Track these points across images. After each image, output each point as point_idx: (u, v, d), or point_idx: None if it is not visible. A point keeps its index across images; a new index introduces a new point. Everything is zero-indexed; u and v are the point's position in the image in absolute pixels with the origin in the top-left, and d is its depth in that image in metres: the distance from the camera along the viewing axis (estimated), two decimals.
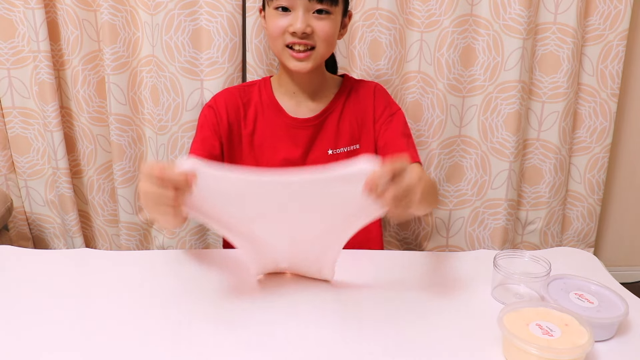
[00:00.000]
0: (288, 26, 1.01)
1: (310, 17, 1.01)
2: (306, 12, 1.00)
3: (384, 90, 1.19)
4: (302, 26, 0.99)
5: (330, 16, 1.02)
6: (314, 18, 1.01)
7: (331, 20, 1.02)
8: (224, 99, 1.15)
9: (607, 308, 0.78)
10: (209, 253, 1.06)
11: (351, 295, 0.88)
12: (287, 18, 1.01)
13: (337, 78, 1.20)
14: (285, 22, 1.01)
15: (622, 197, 1.87)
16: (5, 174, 1.61)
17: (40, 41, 1.42)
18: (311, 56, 1.03)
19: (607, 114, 1.65)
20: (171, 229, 0.94)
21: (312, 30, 1.01)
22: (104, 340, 0.74)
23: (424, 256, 1.05)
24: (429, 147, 1.62)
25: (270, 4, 1.02)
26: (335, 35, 1.05)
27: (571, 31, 1.53)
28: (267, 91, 1.15)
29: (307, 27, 1.00)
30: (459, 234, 1.74)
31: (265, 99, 1.14)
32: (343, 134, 1.13)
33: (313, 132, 1.12)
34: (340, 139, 1.13)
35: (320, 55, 1.05)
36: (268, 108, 1.13)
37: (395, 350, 0.73)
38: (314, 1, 0.99)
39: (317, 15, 1.01)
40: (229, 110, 1.13)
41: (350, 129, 1.13)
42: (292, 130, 1.12)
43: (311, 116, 1.12)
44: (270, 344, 0.74)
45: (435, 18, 1.51)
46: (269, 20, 1.04)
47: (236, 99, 1.14)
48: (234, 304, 0.85)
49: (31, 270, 0.94)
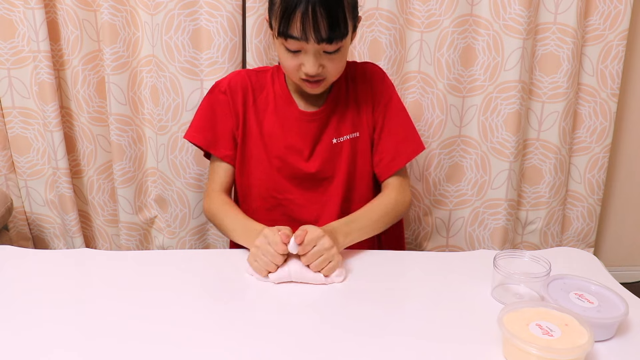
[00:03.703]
0: (300, 65, 1.00)
1: (321, 57, 0.99)
2: (317, 54, 0.98)
3: (380, 74, 1.17)
4: (314, 69, 0.99)
5: (341, 49, 1.00)
6: (326, 58, 1.00)
7: (342, 52, 1.01)
8: (239, 84, 1.14)
9: (607, 308, 0.78)
10: (209, 253, 1.06)
11: (351, 295, 0.88)
12: (299, 58, 0.99)
13: None
14: (297, 62, 1.00)
15: (622, 197, 1.87)
16: (5, 174, 1.61)
17: (40, 41, 1.42)
18: (324, 83, 1.04)
19: (607, 114, 1.65)
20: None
21: (324, 67, 1.01)
22: (103, 340, 0.74)
23: (424, 256, 1.05)
24: (429, 147, 1.62)
25: (279, 40, 0.99)
26: (345, 60, 1.05)
27: (571, 31, 1.53)
28: (281, 82, 1.14)
29: (319, 68, 1.00)
30: (459, 234, 1.74)
31: (278, 89, 1.14)
32: (345, 122, 1.13)
33: (320, 125, 1.12)
34: (343, 128, 1.13)
35: (332, 81, 1.07)
36: (280, 98, 1.13)
37: (396, 349, 0.73)
38: (324, 43, 0.96)
39: (328, 55, 1.00)
40: (242, 94, 1.13)
41: (352, 117, 1.14)
42: (301, 124, 1.12)
43: (317, 109, 1.12)
44: (270, 343, 0.74)
45: (435, 18, 1.51)
46: (281, 54, 1.02)
47: (247, 84, 1.14)
48: (234, 304, 0.85)
49: (31, 270, 0.94)
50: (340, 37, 0.97)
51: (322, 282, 0.90)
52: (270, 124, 1.13)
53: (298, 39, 0.95)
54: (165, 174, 1.59)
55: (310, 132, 1.12)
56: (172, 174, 1.58)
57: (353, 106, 1.14)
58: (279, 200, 1.15)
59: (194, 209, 1.63)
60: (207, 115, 1.15)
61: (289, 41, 0.97)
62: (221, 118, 1.14)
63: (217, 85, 1.16)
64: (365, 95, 1.14)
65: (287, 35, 0.96)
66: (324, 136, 1.13)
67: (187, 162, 1.57)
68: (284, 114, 1.13)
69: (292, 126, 1.12)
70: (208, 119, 1.15)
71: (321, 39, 0.95)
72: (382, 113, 1.15)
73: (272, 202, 1.15)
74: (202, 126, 1.15)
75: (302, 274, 0.90)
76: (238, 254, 0.99)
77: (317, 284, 0.90)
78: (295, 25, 0.94)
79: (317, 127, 1.12)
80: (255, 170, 1.15)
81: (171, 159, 1.57)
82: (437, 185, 1.68)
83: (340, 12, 0.95)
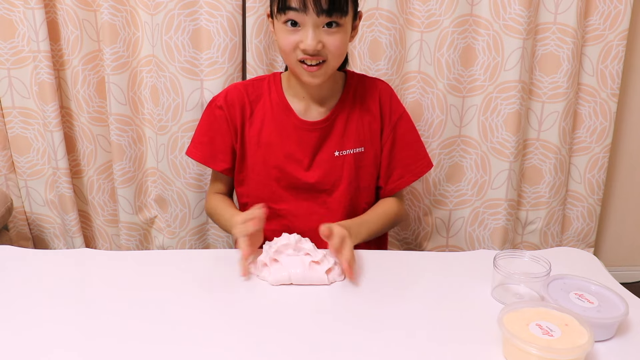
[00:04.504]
0: (299, 42, 1.00)
1: (320, 32, 0.99)
2: (316, 28, 0.98)
3: (389, 91, 1.18)
4: (313, 43, 0.98)
5: (341, 28, 1.00)
6: (324, 33, 0.99)
7: (341, 32, 1.01)
8: (235, 97, 1.14)
9: (607, 308, 0.78)
10: (209, 253, 1.06)
11: (351, 294, 0.88)
12: (298, 34, 0.99)
13: (341, 74, 1.18)
14: (295, 38, 1.00)
15: (622, 197, 1.87)
16: (5, 174, 1.61)
17: (40, 41, 1.42)
18: (323, 68, 1.03)
19: (607, 114, 1.65)
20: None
21: (323, 45, 1.00)
22: (103, 340, 0.74)
23: (424, 256, 1.05)
24: (429, 147, 1.62)
25: (279, 17, 1.00)
26: (346, 45, 1.04)
27: (571, 31, 1.53)
28: (278, 90, 1.14)
29: (318, 44, 0.99)
30: (459, 234, 1.74)
31: (275, 97, 1.13)
32: (350, 135, 1.13)
33: (321, 135, 1.12)
34: (347, 141, 1.13)
35: (331, 67, 1.05)
36: (278, 107, 1.13)
37: (395, 349, 0.73)
38: (323, 16, 0.97)
39: (328, 30, 0.99)
40: (239, 108, 1.13)
41: (357, 131, 1.13)
42: (300, 132, 1.12)
43: (319, 119, 1.12)
44: (270, 343, 0.74)
45: (435, 18, 1.51)
46: (279, 35, 1.03)
47: (244, 97, 1.14)
48: (234, 303, 0.85)
49: (31, 270, 0.94)
50: (339, 10, 0.97)
51: (325, 282, 0.90)
52: (268, 132, 1.13)
53: (297, 9, 0.96)
54: (165, 174, 1.59)
55: (311, 141, 1.12)
56: (172, 174, 1.58)
57: (359, 120, 1.14)
58: (276, 210, 1.15)
59: (194, 209, 1.63)
60: (204, 131, 1.17)
61: (289, 13, 0.97)
62: (219, 133, 1.15)
63: (213, 100, 1.17)
64: (374, 110, 1.14)
65: (286, 6, 0.96)
66: (325, 147, 1.13)
67: (187, 162, 1.57)
68: (281, 122, 1.12)
69: (290, 134, 1.12)
70: (205, 134, 1.16)
71: (321, 9, 0.95)
72: (392, 132, 1.15)
73: (270, 213, 1.15)
74: (200, 142, 1.17)
75: (303, 276, 0.90)
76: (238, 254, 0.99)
77: (319, 285, 0.90)
78: None
79: (317, 137, 1.12)
80: (253, 181, 1.15)
81: (171, 159, 1.57)
82: (437, 185, 1.68)
83: None
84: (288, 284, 0.90)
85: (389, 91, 1.18)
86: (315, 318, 0.81)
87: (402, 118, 1.17)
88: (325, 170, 1.13)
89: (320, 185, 1.13)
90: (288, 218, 1.15)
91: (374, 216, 1.14)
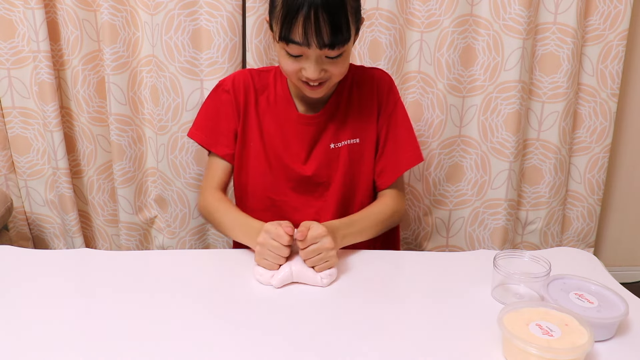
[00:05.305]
0: (301, 69, 0.98)
1: (323, 61, 0.98)
2: (319, 58, 0.97)
3: (387, 80, 1.16)
4: (315, 75, 0.97)
5: (344, 53, 0.98)
6: (328, 62, 0.98)
7: (345, 56, 0.99)
8: (241, 83, 1.13)
9: (607, 308, 0.78)
10: (209, 253, 1.06)
11: (351, 294, 0.88)
12: (299, 62, 0.98)
13: None
14: (297, 66, 0.98)
15: (622, 197, 1.87)
16: (5, 174, 1.61)
17: (40, 41, 1.42)
18: (325, 85, 1.02)
19: (607, 114, 1.65)
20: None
21: (326, 71, 0.99)
22: (103, 340, 0.74)
23: (424, 256, 1.05)
24: (429, 147, 1.62)
25: (280, 42, 0.96)
26: (348, 62, 1.04)
27: (571, 31, 1.53)
28: (283, 83, 1.14)
29: (321, 72, 0.98)
30: (459, 234, 1.74)
31: (280, 90, 1.14)
32: (345, 127, 1.13)
33: (317, 129, 1.12)
34: (342, 133, 1.13)
35: (334, 83, 1.05)
36: (281, 100, 1.13)
37: (395, 349, 0.73)
38: (326, 49, 0.94)
39: (330, 60, 0.98)
40: (245, 93, 1.13)
41: (353, 122, 1.13)
42: (298, 126, 1.12)
43: (317, 113, 1.12)
44: (270, 343, 0.74)
45: (435, 18, 1.51)
46: (281, 58, 1.00)
47: (250, 83, 1.13)
48: (234, 304, 0.85)
49: (31, 270, 0.94)
50: (342, 42, 0.95)
51: (319, 284, 0.90)
52: (270, 124, 1.13)
53: (299, 44, 0.94)
54: (165, 174, 1.59)
55: (308, 135, 1.12)
56: (172, 174, 1.58)
57: (355, 112, 1.13)
58: (275, 201, 1.14)
59: (194, 209, 1.63)
60: (209, 113, 1.15)
61: (290, 46, 0.95)
62: (224, 116, 1.14)
63: (220, 84, 1.16)
64: (370, 102, 1.14)
65: (288, 40, 0.94)
66: (322, 140, 1.13)
67: (187, 162, 1.57)
68: (283, 116, 1.13)
69: (290, 128, 1.12)
70: (210, 117, 1.15)
71: (323, 44, 0.93)
72: (386, 122, 1.14)
73: (267, 203, 1.15)
74: (204, 124, 1.15)
75: (303, 272, 0.90)
76: (238, 254, 0.99)
77: (313, 285, 0.90)
78: (297, 30, 0.92)
79: (314, 131, 1.12)
80: (253, 170, 1.15)
81: (171, 159, 1.57)
82: (437, 185, 1.68)
83: (343, 17, 0.93)
84: (289, 284, 0.90)
85: (387, 81, 1.16)
86: (315, 318, 0.81)
87: (397, 108, 1.15)
88: (321, 163, 1.12)
89: (317, 178, 1.13)
90: (285, 210, 1.15)
91: (363, 216, 1.10)
